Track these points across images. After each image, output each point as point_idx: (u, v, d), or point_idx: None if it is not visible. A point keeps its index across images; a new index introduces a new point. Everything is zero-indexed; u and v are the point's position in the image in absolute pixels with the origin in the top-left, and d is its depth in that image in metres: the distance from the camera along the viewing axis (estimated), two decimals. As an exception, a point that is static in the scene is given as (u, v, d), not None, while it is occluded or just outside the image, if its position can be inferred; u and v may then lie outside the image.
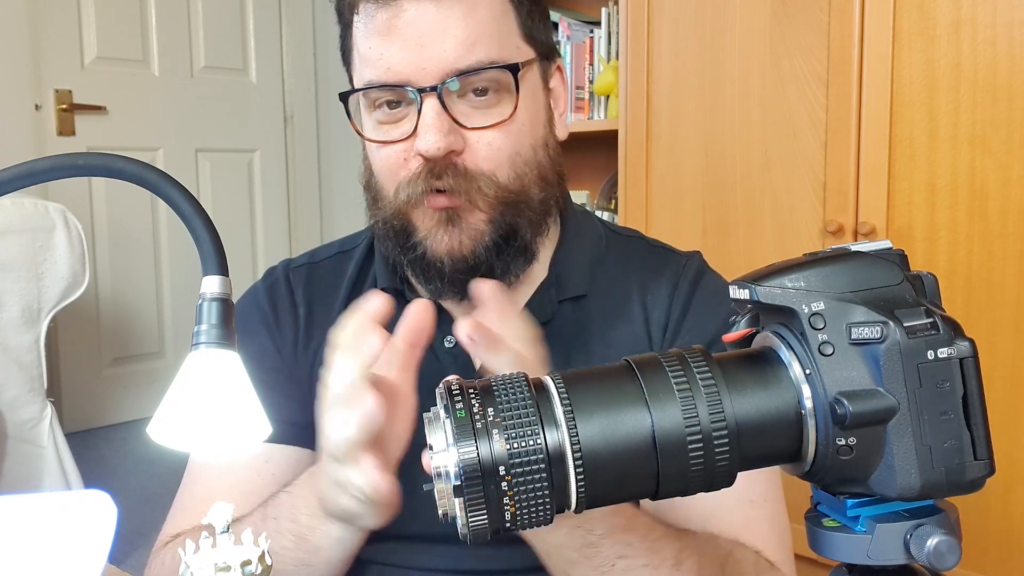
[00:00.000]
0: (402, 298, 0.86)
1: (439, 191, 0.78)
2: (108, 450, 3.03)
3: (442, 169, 0.77)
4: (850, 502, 0.45)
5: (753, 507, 0.80)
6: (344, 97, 0.82)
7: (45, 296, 2.18)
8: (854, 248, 0.47)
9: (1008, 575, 1.74)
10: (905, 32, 1.78)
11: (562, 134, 0.87)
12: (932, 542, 0.43)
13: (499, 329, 0.64)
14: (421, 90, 0.76)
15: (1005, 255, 1.70)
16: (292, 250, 3.70)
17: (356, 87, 0.81)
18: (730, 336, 0.50)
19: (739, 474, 0.45)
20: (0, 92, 2.90)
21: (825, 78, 1.89)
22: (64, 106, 3.09)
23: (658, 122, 2.19)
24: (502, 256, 0.80)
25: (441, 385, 0.46)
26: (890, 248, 0.47)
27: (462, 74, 0.76)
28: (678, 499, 0.46)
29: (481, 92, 0.78)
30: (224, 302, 0.54)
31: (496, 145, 0.78)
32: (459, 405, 0.44)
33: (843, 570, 0.46)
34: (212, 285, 0.54)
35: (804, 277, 0.45)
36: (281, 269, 0.94)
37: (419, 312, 0.67)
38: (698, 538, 0.74)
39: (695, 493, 0.45)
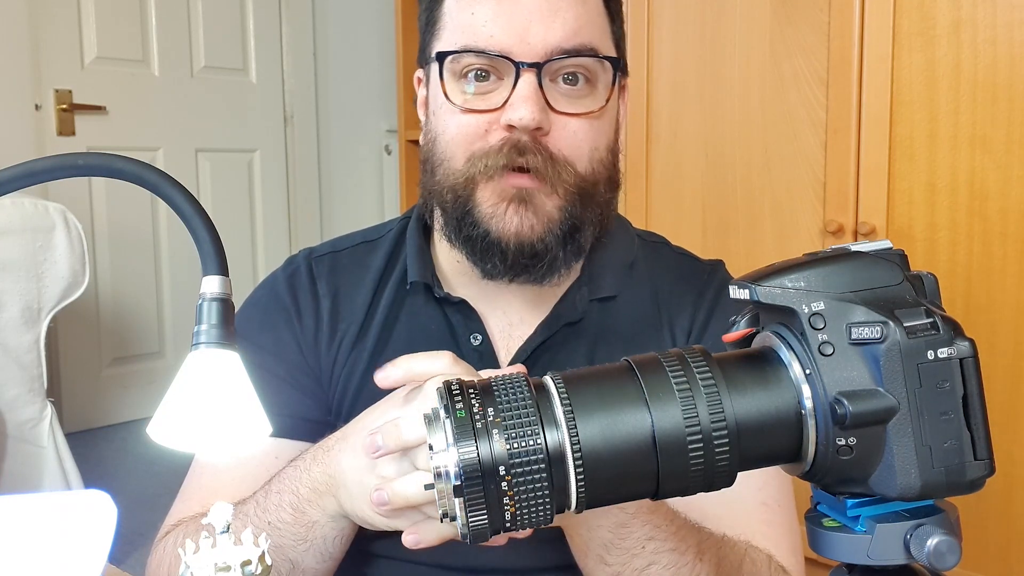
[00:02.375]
0: (430, 293, 0.86)
1: (520, 169, 0.77)
2: (108, 450, 3.03)
3: (525, 146, 0.76)
4: (850, 502, 0.45)
5: (766, 510, 0.80)
6: (442, 57, 0.80)
7: (45, 296, 2.18)
8: (854, 248, 0.47)
9: (1008, 575, 1.74)
10: (905, 32, 1.78)
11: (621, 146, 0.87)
12: (932, 542, 0.43)
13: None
14: (522, 65, 0.76)
15: (1005, 255, 1.70)
16: (292, 250, 3.69)
17: (449, 50, 0.79)
18: (730, 336, 0.50)
19: (753, 476, 0.45)
20: (0, 92, 2.90)
21: (825, 78, 1.89)
22: (64, 106, 3.09)
23: (658, 122, 2.19)
24: (566, 249, 0.80)
25: (441, 384, 0.46)
26: (890, 248, 0.47)
27: (566, 54, 0.76)
28: (692, 498, 0.46)
29: (571, 80, 0.78)
30: (224, 302, 0.54)
31: (580, 135, 0.79)
32: (459, 405, 0.44)
33: (843, 570, 0.46)
34: (212, 285, 0.54)
35: (804, 277, 0.45)
36: (303, 258, 0.92)
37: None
38: (715, 535, 0.74)
39: (695, 493, 0.45)
